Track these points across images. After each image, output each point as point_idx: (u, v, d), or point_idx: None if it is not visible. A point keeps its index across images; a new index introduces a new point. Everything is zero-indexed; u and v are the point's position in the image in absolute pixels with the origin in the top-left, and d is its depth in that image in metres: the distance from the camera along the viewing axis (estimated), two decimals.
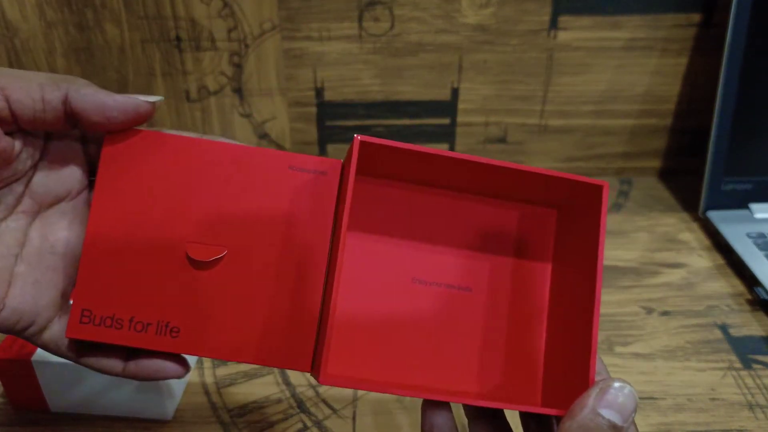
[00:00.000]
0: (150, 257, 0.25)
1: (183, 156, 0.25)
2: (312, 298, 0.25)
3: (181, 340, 0.24)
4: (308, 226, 0.25)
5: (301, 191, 0.25)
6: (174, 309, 0.25)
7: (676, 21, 0.56)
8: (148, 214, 0.25)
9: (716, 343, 0.44)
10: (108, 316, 0.24)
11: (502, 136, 0.62)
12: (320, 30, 0.56)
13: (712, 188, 0.55)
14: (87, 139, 0.26)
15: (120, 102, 0.24)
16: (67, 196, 0.26)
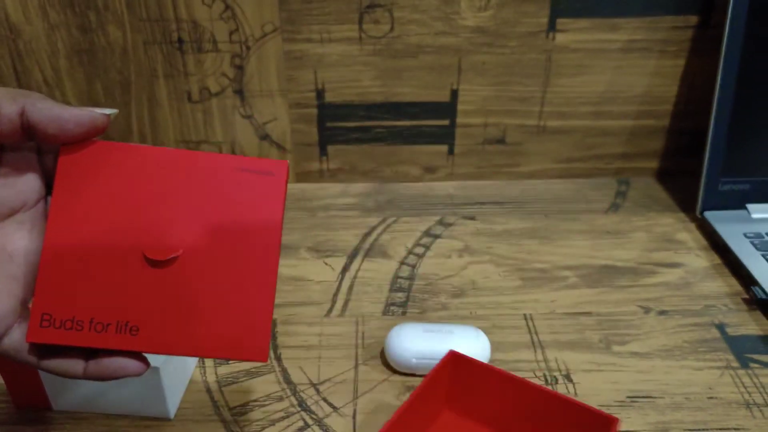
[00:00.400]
0: (108, 260, 0.26)
1: (136, 163, 0.27)
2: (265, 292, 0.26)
3: (140, 338, 0.25)
4: (258, 223, 0.26)
5: (250, 191, 0.26)
6: (133, 308, 0.25)
7: (674, 23, 0.56)
8: (104, 220, 0.26)
9: (713, 343, 0.44)
10: (68, 319, 0.25)
11: (501, 137, 0.62)
12: (321, 32, 0.56)
13: (710, 188, 0.55)
14: (42, 150, 0.27)
15: (76, 115, 0.25)
16: (23, 206, 0.26)
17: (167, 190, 0.26)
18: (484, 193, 0.62)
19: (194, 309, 0.26)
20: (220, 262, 0.26)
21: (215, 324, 0.26)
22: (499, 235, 0.56)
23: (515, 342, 0.44)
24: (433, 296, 0.49)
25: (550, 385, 0.41)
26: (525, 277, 0.51)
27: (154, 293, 0.26)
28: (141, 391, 0.37)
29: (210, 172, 0.26)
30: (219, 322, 0.26)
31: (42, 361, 0.26)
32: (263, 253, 0.26)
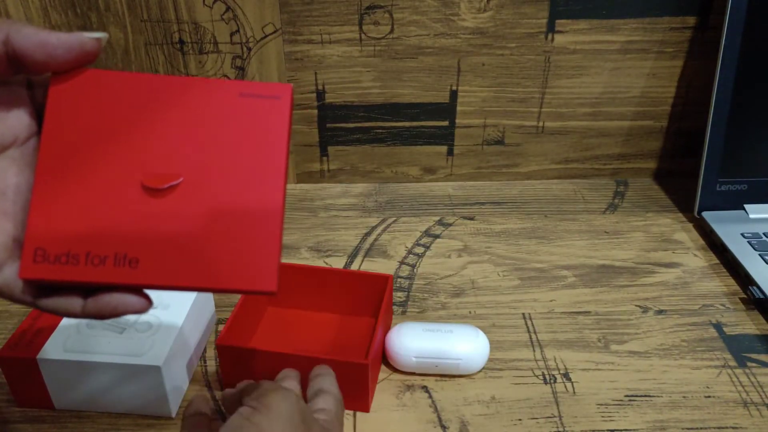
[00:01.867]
0: (104, 191, 0.24)
1: (132, 91, 0.25)
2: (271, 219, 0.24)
3: (140, 270, 0.23)
4: (263, 148, 0.25)
5: (253, 116, 0.25)
6: (132, 240, 0.24)
7: (672, 24, 0.57)
8: (99, 149, 0.24)
9: (711, 342, 0.44)
10: (63, 253, 0.23)
11: (500, 138, 0.62)
12: (321, 33, 0.57)
13: (707, 189, 0.56)
14: (33, 85, 0.26)
15: (63, 40, 0.23)
16: (15, 142, 0.25)
17: (165, 117, 0.25)
18: (483, 193, 0.63)
19: (197, 239, 0.24)
20: (222, 188, 0.24)
21: (220, 253, 0.24)
22: (498, 235, 0.56)
23: (514, 341, 0.44)
24: (432, 296, 0.49)
25: (549, 384, 0.41)
26: (524, 276, 0.51)
27: (154, 223, 0.24)
28: (143, 389, 0.37)
29: (211, 97, 0.25)
30: (224, 252, 0.24)
31: (38, 299, 0.24)
32: (268, 178, 0.24)
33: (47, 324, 0.39)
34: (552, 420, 0.38)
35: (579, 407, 0.39)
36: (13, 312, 0.47)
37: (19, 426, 0.38)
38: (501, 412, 0.39)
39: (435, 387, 0.41)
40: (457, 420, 0.39)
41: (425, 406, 0.39)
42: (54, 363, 0.37)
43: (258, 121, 0.25)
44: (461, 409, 0.39)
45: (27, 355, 0.37)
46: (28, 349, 0.37)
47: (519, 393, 0.40)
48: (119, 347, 0.37)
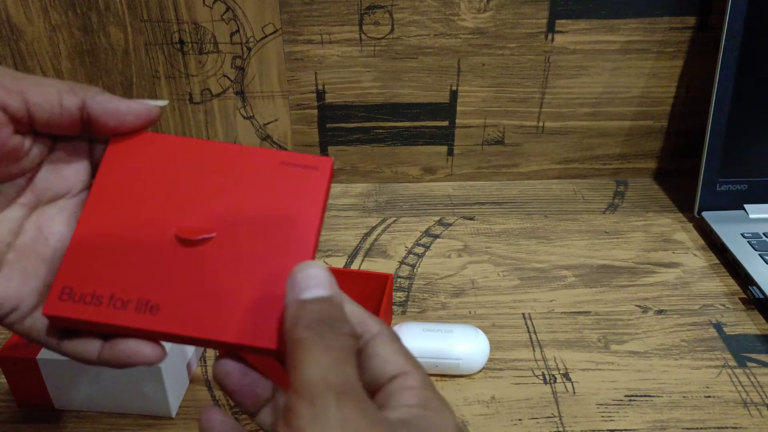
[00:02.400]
0: (138, 240, 0.25)
1: (180, 154, 0.26)
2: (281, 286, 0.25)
3: (159, 317, 0.24)
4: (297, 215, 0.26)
5: (292, 184, 0.26)
6: (157, 287, 0.24)
7: (672, 24, 0.57)
8: (142, 203, 0.26)
9: (711, 342, 0.44)
10: (88, 293, 0.24)
11: (500, 138, 0.62)
12: (321, 33, 0.57)
13: (707, 189, 0.56)
14: (94, 140, 0.27)
15: (133, 108, 0.26)
16: (68, 193, 0.27)
17: (208, 178, 0.26)
18: (483, 193, 0.63)
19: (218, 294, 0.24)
20: (252, 250, 0.25)
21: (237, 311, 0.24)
22: (498, 235, 0.56)
23: (514, 341, 0.44)
24: (432, 296, 0.49)
25: (549, 384, 0.41)
26: (524, 276, 0.51)
27: (181, 274, 0.25)
28: (143, 389, 0.37)
29: (253, 163, 0.26)
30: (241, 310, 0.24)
31: (60, 342, 0.25)
32: (298, 245, 0.25)
33: None
34: (552, 420, 0.38)
35: (579, 407, 0.39)
36: None
37: (19, 426, 0.38)
38: (501, 412, 0.39)
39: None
40: None
41: None
42: (54, 363, 0.37)
43: (295, 189, 0.26)
44: (461, 409, 0.39)
45: (27, 355, 0.37)
46: (28, 349, 0.37)
47: (519, 393, 0.40)
48: None
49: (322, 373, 0.19)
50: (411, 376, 0.22)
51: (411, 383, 0.22)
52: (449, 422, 0.21)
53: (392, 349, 0.23)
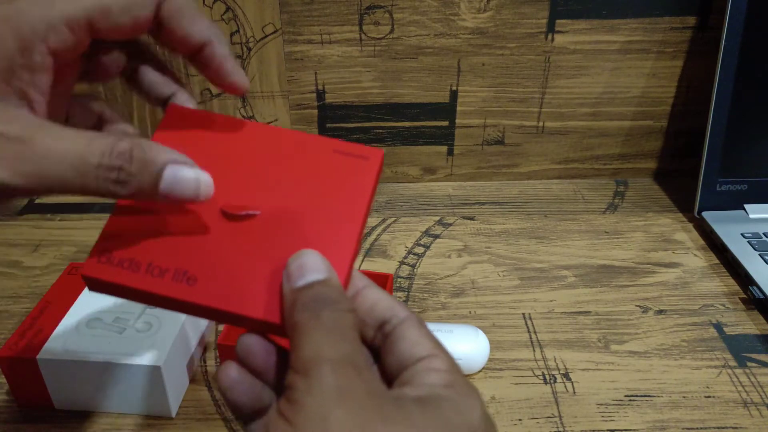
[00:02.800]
0: (182, 212, 0.25)
1: (234, 133, 0.27)
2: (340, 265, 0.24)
3: (195, 289, 0.24)
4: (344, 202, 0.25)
5: (342, 171, 0.26)
6: (196, 260, 0.24)
7: (672, 24, 0.57)
8: None
9: (711, 342, 0.44)
10: (126, 259, 0.24)
11: (500, 138, 0.62)
12: (321, 33, 0.57)
13: (707, 189, 0.56)
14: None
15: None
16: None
17: (259, 159, 0.26)
18: (483, 193, 0.63)
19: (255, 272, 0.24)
20: (294, 233, 0.25)
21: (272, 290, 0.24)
22: (498, 235, 0.56)
23: (514, 341, 0.44)
24: (432, 296, 0.49)
25: (549, 384, 0.41)
26: (524, 276, 0.51)
27: (221, 249, 0.24)
28: (143, 389, 0.37)
29: (305, 148, 0.26)
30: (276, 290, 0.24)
31: None
32: (341, 234, 0.25)
33: (47, 324, 0.39)
34: (552, 420, 0.38)
35: (579, 407, 0.39)
36: (13, 312, 0.47)
37: (19, 426, 0.38)
38: (501, 412, 0.39)
39: None
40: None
41: None
42: (54, 363, 0.37)
43: (344, 177, 0.26)
44: None
45: (27, 355, 0.37)
46: (28, 349, 0.37)
47: (519, 393, 0.40)
48: (119, 347, 0.37)
49: (317, 348, 0.19)
50: (439, 359, 0.22)
51: (438, 365, 0.22)
52: (475, 407, 0.21)
53: (420, 333, 0.23)
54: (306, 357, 0.19)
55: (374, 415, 0.19)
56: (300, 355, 0.20)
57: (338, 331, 0.20)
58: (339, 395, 0.19)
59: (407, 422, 0.19)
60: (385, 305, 0.24)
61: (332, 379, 0.19)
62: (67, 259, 0.53)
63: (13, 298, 0.49)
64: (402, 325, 0.23)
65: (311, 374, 0.19)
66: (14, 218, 0.59)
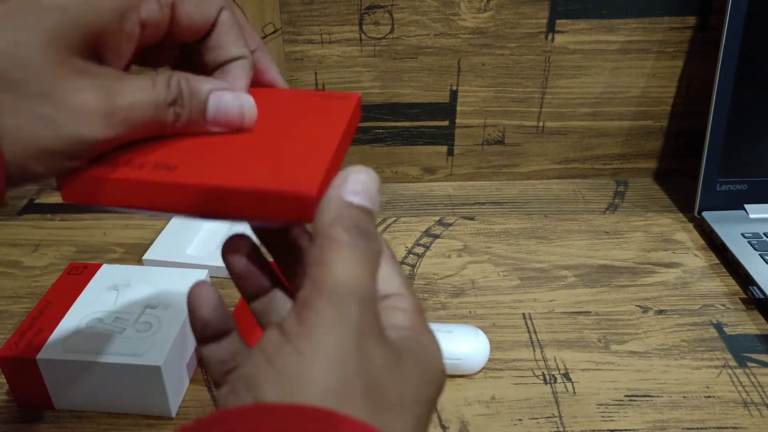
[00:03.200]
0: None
1: None
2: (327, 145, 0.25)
3: (177, 173, 0.23)
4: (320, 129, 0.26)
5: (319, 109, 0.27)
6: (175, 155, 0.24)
7: (672, 24, 0.57)
8: None
9: (711, 342, 0.44)
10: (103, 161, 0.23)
11: (500, 138, 0.62)
12: (321, 33, 0.57)
13: (708, 189, 0.56)
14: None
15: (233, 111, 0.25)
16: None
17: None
18: (483, 193, 0.63)
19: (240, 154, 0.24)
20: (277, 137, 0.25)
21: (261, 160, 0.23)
22: (498, 235, 0.56)
23: (514, 341, 0.44)
24: (432, 296, 0.49)
25: (549, 384, 0.41)
26: (524, 276, 0.51)
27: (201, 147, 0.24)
28: (143, 389, 0.37)
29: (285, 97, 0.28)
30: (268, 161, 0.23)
31: None
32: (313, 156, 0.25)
33: (47, 324, 0.39)
34: (552, 420, 0.38)
35: (579, 407, 0.39)
36: (13, 312, 0.47)
37: (19, 426, 0.38)
38: (501, 413, 0.39)
39: None
40: (457, 420, 0.39)
41: None
42: (54, 363, 0.37)
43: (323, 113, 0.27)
44: (461, 409, 0.39)
45: (27, 356, 0.37)
46: (28, 349, 0.37)
47: (519, 393, 0.40)
48: (119, 347, 0.37)
49: (352, 279, 0.18)
50: (405, 298, 0.22)
51: (404, 305, 0.22)
52: (437, 351, 0.21)
53: (392, 270, 0.23)
54: (338, 282, 0.18)
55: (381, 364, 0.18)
56: (330, 277, 0.18)
57: (370, 268, 0.19)
58: (359, 338, 0.18)
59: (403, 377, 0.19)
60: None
61: (358, 319, 0.18)
62: (67, 259, 0.53)
63: (13, 298, 0.49)
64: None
65: (340, 305, 0.18)
66: (14, 218, 0.59)
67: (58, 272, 0.51)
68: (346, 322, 0.18)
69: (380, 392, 0.18)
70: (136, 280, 0.42)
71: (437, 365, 0.21)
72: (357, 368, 0.18)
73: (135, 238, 0.55)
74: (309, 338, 0.18)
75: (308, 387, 0.17)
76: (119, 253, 0.54)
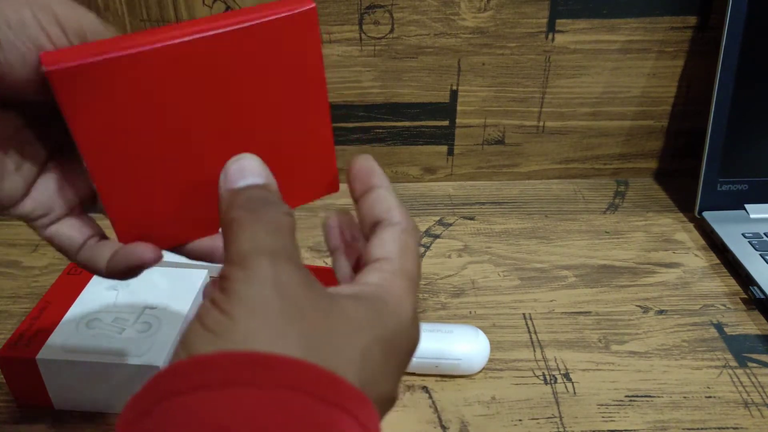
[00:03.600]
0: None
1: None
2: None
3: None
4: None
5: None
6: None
7: (672, 24, 0.57)
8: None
9: (712, 342, 0.44)
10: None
11: (500, 138, 0.62)
12: (321, 33, 0.57)
13: (708, 189, 0.55)
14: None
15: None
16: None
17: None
18: (483, 193, 0.63)
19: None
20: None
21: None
22: (498, 235, 0.56)
23: (514, 341, 0.44)
24: (432, 296, 0.49)
25: (550, 384, 0.41)
26: (524, 276, 0.51)
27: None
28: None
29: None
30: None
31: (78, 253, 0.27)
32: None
33: (47, 324, 0.39)
34: (552, 420, 0.38)
35: (579, 408, 0.39)
36: (13, 312, 0.47)
37: (19, 426, 0.38)
38: (501, 413, 0.39)
39: (435, 387, 0.41)
40: (457, 420, 0.39)
41: (425, 407, 0.39)
42: (53, 363, 0.37)
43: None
44: (461, 409, 0.39)
45: (26, 356, 0.37)
46: (27, 349, 0.37)
47: (519, 393, 0.40)
48: (119, 347, 0.37)
49: (254, 241, 0.19)
50: (390, 262, 0.22)
51: (387, 267, 0.22)
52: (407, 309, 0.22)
53: (389, 237, 0.23)
54: (244, 250, 0.19)
55: (309, 304, 0.19)
56: (237, 249, 0.19)
57: (276, 227, 0.20)
58: (276, 285, 0.19)
59: (341, 314, 0.19)
60: (384, 205, 0.24)
61: (270, 271, 0.19)
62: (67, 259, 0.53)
63: (12, 298, 0.49)
64: (386, 228, 0.23)
65: (249, 265, 0.19)
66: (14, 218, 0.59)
67: (57, 272, 0.51)
68: (259, 275, 0.19)
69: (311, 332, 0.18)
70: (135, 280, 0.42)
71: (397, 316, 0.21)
72: (279, 312, 0.18)
73: None
74: (230, 300, 0.18)
75: (236, 335, 0.18)
76: None
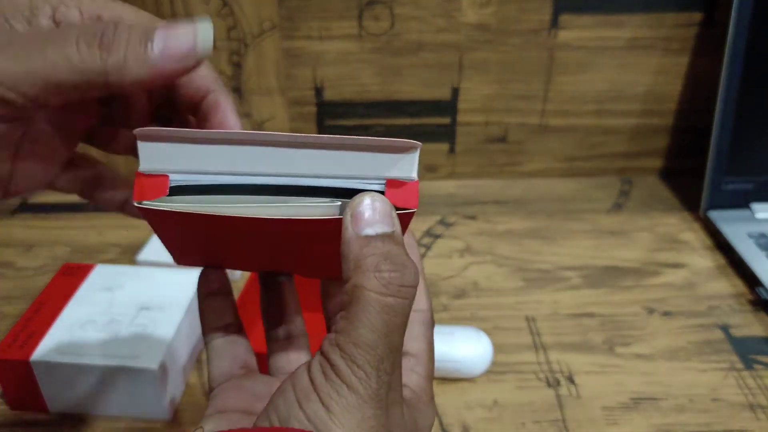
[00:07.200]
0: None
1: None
2: None
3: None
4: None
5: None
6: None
7: (678, 20, 0.56)
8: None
9: (717, 344, 0.43)
10: None
11: (502, 136, 0.62)
12: (320, 29, 0.56)
13: (714, 188, 0.55)
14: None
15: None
16: None
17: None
18: (485, 192, 0.62)
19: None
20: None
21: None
22: (500, 235, 0.55)
23: (517, 344, 0.44)
24: (434, 297, 0.48)
25: (553, 387, 0.40)
26: (527, 277, 0.50)
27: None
28: (138, 392, 0.37)
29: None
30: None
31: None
32: None
33: (40, 326, 0.38)
34: (556, 424, 0.38)
35: (583, 411, 0.39)
36: (6, 313, 0.47)
37: (13, 429, 0.38)
38: (504, 417, 0.38)
39: (436, 391, 0.40)
40: (459, 424, 0.38)
41: None
42: (47, 365, 0.36)
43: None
44: (463, 413, 0.39)
45: (20, 358, 0.36)
46: (20, 351, 0.37)
47: (522, 397, 0.40)
48: (114, 349, 0.37)
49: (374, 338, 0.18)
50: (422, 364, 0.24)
51: (420, 371, 0.24)
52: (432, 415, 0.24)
53: (419, 331, 0.25)
54: (362, 341, 0.18)
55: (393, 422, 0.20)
56: (356, 334, 0.18)
57: (400, 320, 0.19)
58: (378, 401, 0.19)
59: (399, 425, 0.21)
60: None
61: (376, 384, 0.19)
62: (61, 259, 0.53)
63: (6, 299, 0.48)
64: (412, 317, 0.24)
65: (361, 369, 0.18)
66: (7, 218, 0.58)
67: (51, 273, 0.51)
68: (365, 386, 0.19)
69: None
70: (130, 280, 0.42)
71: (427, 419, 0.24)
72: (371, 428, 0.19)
73: (129, 239, 0.55)
74: (331, 397, 0.19)
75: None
76: (114, 253, 0.53)
